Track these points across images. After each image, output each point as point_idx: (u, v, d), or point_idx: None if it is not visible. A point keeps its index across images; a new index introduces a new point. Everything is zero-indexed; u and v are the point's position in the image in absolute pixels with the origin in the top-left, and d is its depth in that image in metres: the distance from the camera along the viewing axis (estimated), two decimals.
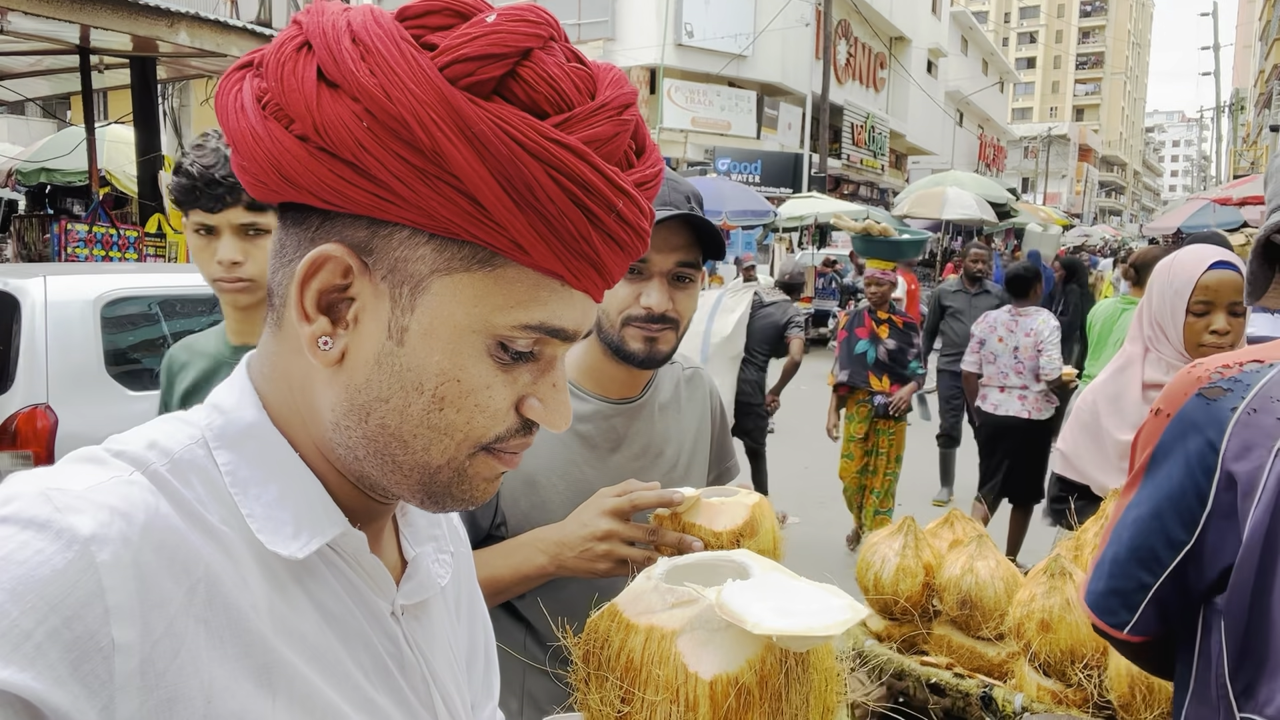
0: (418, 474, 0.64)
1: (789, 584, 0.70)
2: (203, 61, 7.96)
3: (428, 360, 0.60)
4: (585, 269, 0.61)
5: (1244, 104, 39.28)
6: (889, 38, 31.86)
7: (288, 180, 0.59)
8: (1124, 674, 1.56)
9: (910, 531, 1.93)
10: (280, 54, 0.59)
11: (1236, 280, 2.10)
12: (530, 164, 0.56)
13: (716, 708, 0.63)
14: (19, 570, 0.48)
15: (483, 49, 0.56)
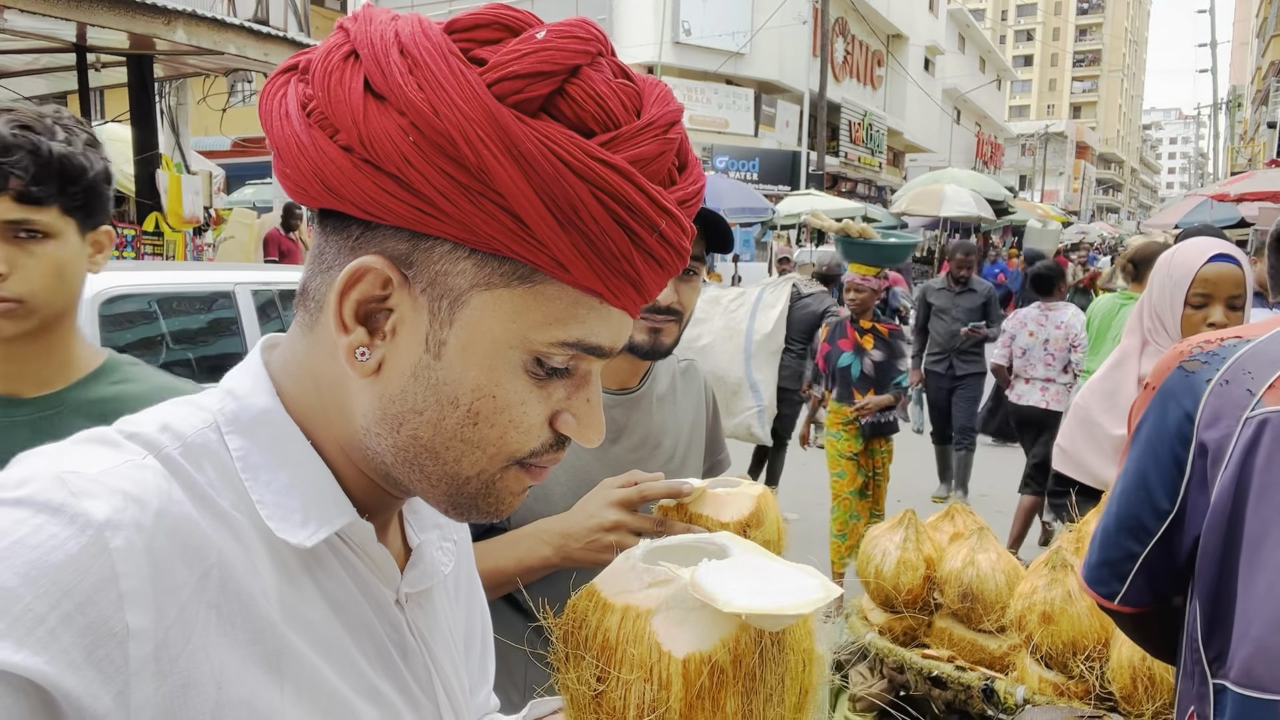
0: (445, 484, 0.64)
1: (765, 565, 0.70)
2: (200, 59, 7.95)
3: (464, 375, 0.60)
4: (624, 287, 0.60)
5: (1241, 101, 39.31)
6: (886, 35, 31.87)
7: (330, 190, 0.58)
8: (1126, 665, 1.56)
9: (911, 525, 1.93)
10: (327, 62, 0.59)
11: (1236, 273, 2.09)
12: (575, 183, 0.56)
13: (689, 685, 0.63)
14: (33, 555, 0.48)
15: (532, 66, 0.56)
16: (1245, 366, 1.07)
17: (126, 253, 7.35)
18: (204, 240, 8.62)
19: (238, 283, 4.46)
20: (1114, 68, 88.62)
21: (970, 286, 6.56)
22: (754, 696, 0.64)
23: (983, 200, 18.08)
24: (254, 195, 17.07)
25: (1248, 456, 1.03)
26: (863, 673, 1.97)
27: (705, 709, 0.63)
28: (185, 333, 4.31)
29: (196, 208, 8.04)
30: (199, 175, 8.67)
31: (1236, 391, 1.06)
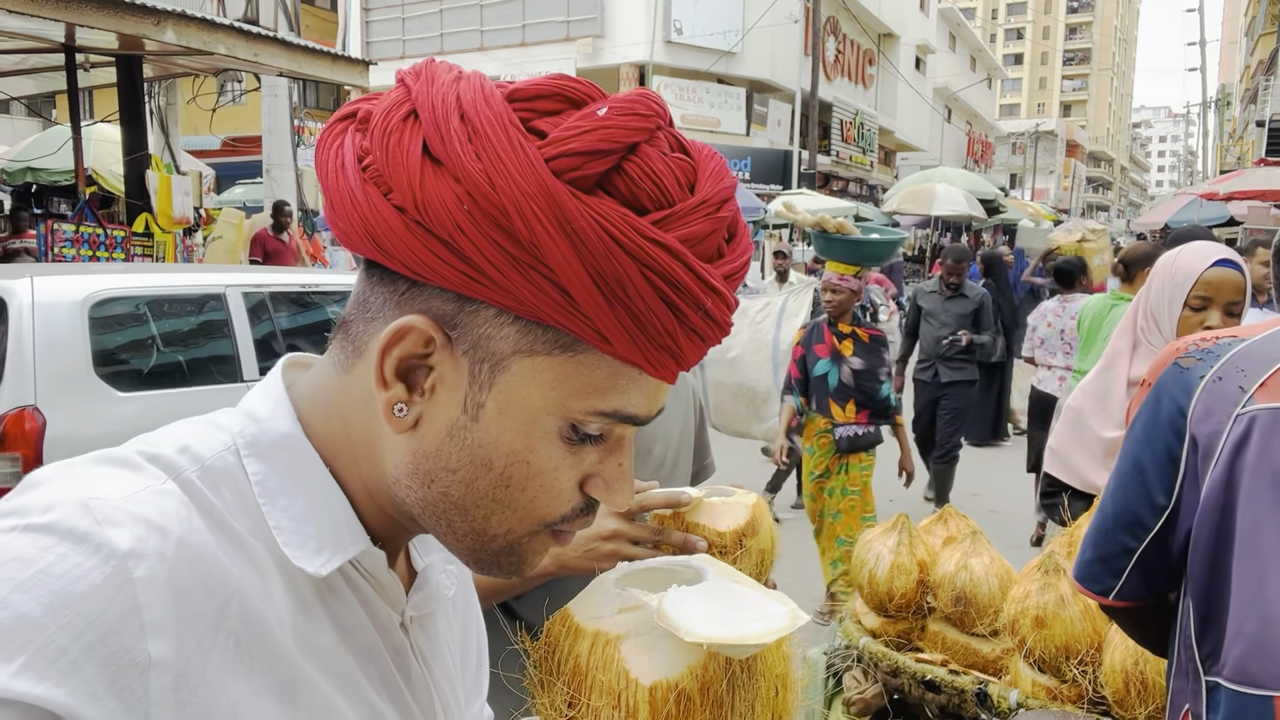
0: (471, 539, 0.64)
1: (736, 591, 0.70)
2: (189, 60, 7.91)
3: (500, 439, 0.60)
4: (664, 359, 0.60)
5: (1230, 99, 39.51)
6: (877, 34, 31.92)
7: (380, 247, 0.58)
8: (1118, 669, 1.57)
9: (904, 529, 1.93)
10: (387, 120, 0.59)
11: (1238, 280, 2.10)
12: (625, 262, 0.56)
13: (656, 713, 0.63)
14: (57, 584, 0.49)
15: (591, 144, 0.56)
16: (1239, 364, 1.08)
17: (116, 254, 7.32)
18: (194, 241, 8.58)
19: (229, 285, 4.44)
20: (1104, 66, 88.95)
21: (962, 292, 6.37)
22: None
23: (974, 199, 18.13)
24: (244, 195, 17.01)
25: (1238, 453, 1.04)
26: (857, 677, 1.98)
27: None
28: (176, 335, 4.29)
29: (186, 208, 8.01)
30: (189, 175, 8.64)
31: (1229, 388, 1.07)
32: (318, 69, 7.74)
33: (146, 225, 7.69)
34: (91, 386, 3.71)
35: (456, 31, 25.70)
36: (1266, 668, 0.99)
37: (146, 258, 7.64)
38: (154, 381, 4.07)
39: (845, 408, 4.41)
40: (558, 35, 24.18)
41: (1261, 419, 1.03)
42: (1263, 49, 25.60)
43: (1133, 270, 4.36)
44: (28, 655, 0.47)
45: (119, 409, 3.76)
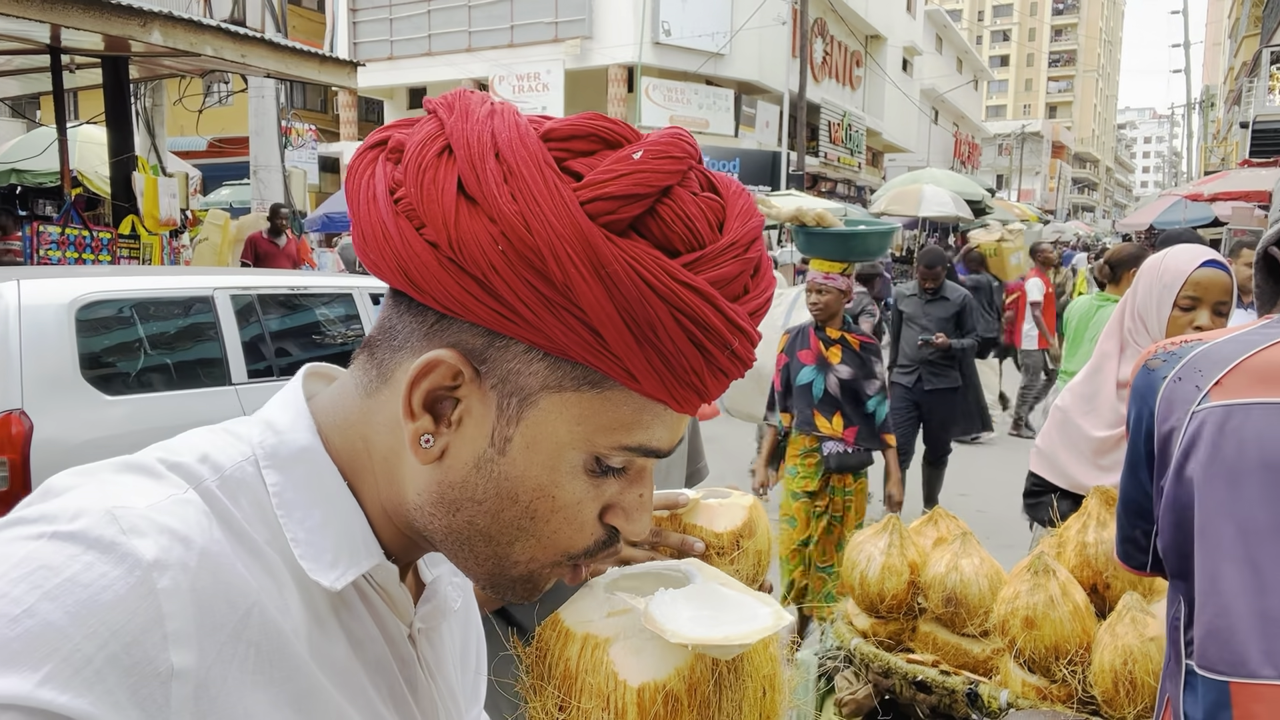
0: (492, 564, 0.65)
1: (723, 593, 0.71)
2: (176, 61, 7.87)
3: (527, 472, 0.61)
4: (689, 395, 0.61)
5: (1214, 100, 39.80)
6: (865, 36, 32.03)
7: (412, 281, 0.59)
8: (1108, 669, 1.58)
9: (895, 530, 1.94)
10: (421, 156, 0.59)
11: (1225, 280, 2.13)
12: (657, 304, 0.57)
13: (644, 714, 0.64)
14: (83, 594, 0.49)
15: (626, 189, 0.57)
16: (1197, 365, 1.16)
17: (102, 256, 7.28)
18: (180, 242, 8.54)
19: (217, 287, 4.42)
20: (1089, 68, 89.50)
21: (942, 294, 6.19)
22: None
23: (961, 200, 18.22)
24: (230, 196, 16.93)
25: (1192, 449, 1.11)
26: (848, 677, 1.98)
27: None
28: (163, 338, 4.27)
29: (173, 210, 7.96)
30: (175, 177, 8.59)
31: (1187, 388, 1.15)
32: (305, 70, 7.71)
33: (133, 227, 7.65)
34: (79, 390, 3.69)
35: (444, 33, 25.64)
36: (1222, 654, 1.07)
37: (133, 260, 7.59)
38: (142, 385, 4.05)
39: (832, 420, 3.96)
40: (546, 36, 24.15)
41: (1214, 416, 1.10)
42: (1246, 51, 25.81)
43: (1118, 272, 4.39)
44: (53, 664, 0.47)
45: (106, 412, 3.74)
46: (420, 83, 27.68)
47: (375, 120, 30.46)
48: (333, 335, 5.30)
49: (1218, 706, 1.07)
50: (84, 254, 7.13)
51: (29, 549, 0.50)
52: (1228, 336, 1.18)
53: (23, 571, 0.49)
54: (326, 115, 29.14)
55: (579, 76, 23.84)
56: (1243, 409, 1.08)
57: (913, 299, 6.29)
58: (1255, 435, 1.06)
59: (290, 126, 14.60)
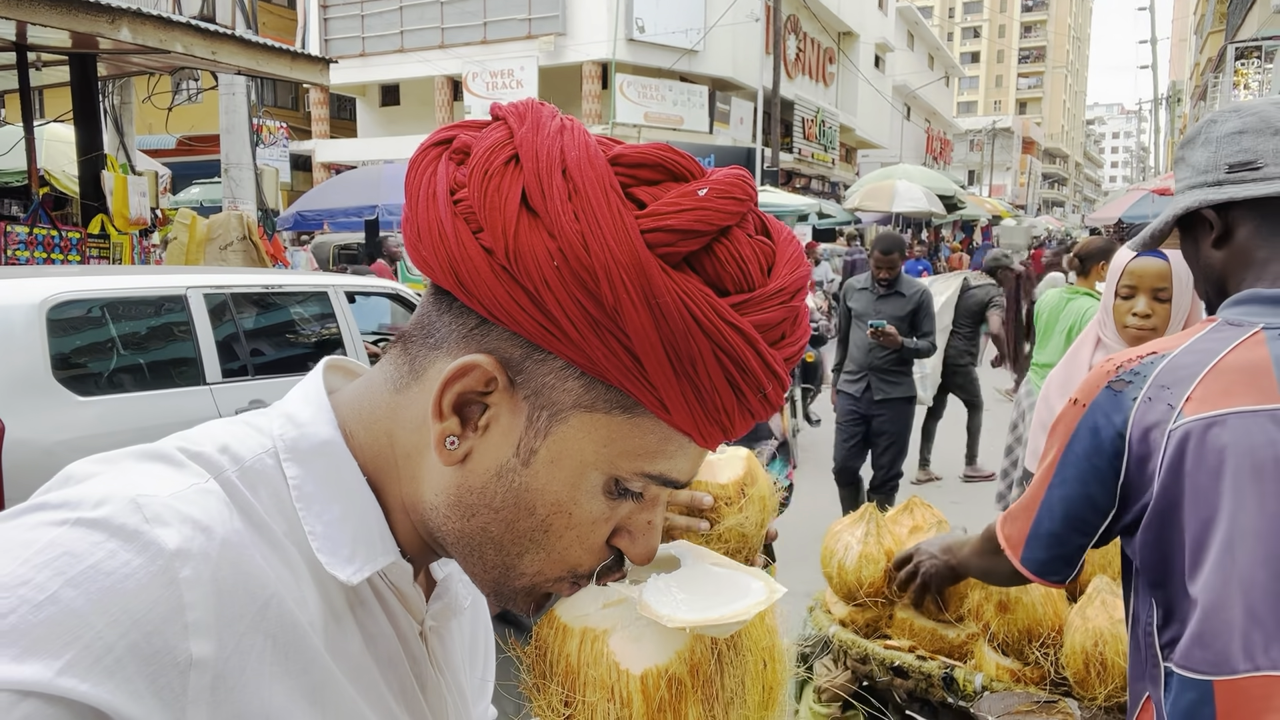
0: (498, 573, 0.66)
1: (714, 573, 0.72)
2: (145, 58, 7.78)
3: (547, 487, 0.62)
4: (715, 432, 0.62)
5: (1181, 96, 40.38)
6: (837, 33, 32.21)
7: (461, 283, 0.59)
8: (1079, 651, 1.62)
9: (872, 519, 1.97)
10: (488, 162, 0.59)
11: (1161, 266, 2.20)
12: (701, 340, 0.57)
13: (649, 700, 0.64)
14: (106, 581, 0.50)
15: (688, 224, 0.57)
16: (1164, 383, 1.20)
17: (71, 256, 7.18)
18: (151, 241, 8.44)
19: (190, 286, 4.39)
20: (1058, 64, 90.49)
21: (897, 289, 5.27)
22: (714, 702, 0.66)
23: (934, 196, 18.38)
24: (200, 195, 16.74)
25: (1178, 464, 1.16)
26: (827, 665, 2.01)
27: None
28: (136, 338, 4.23)
29: (143, 209, 7.86)
30: (145, 176, 8.49)
31: (1159, 407, 1.19)
32: (277, 67, 7.65)
33: (102, 226, 7.55)
34: (50, 391, 3.65)
35: (417, 29, 25.48)
36: (1205, 655, 1.12)
37: (103, 260, 7.49)
38: (114, 385, 4.01)
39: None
40: (519, 33, 24.08)
41: (1194, 431, 1.15)
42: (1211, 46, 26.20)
43: (1087, 264, 4.47)
44: (75, 652, 0.48)
45: (79, 413, 3.70)
46: (393, 79, 27.50)
47: (348, 117, 30.22)
48: (307, 334, 5.27)
49: (1199, 705, 1.13)
50: (53, 254, 7.03)
51: (52, 535, 0.51)
52: (1182, 347, 1.23)
53: (46, 558, 0.49)
54: (298, 113, 28.86)
55: (553, 73, 23.79)
56: (1220, 420, 1.13)
57: (864, 293, 5.38)
58: (1235, 443, 1.12)
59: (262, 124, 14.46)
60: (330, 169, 25.46)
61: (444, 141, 0.64)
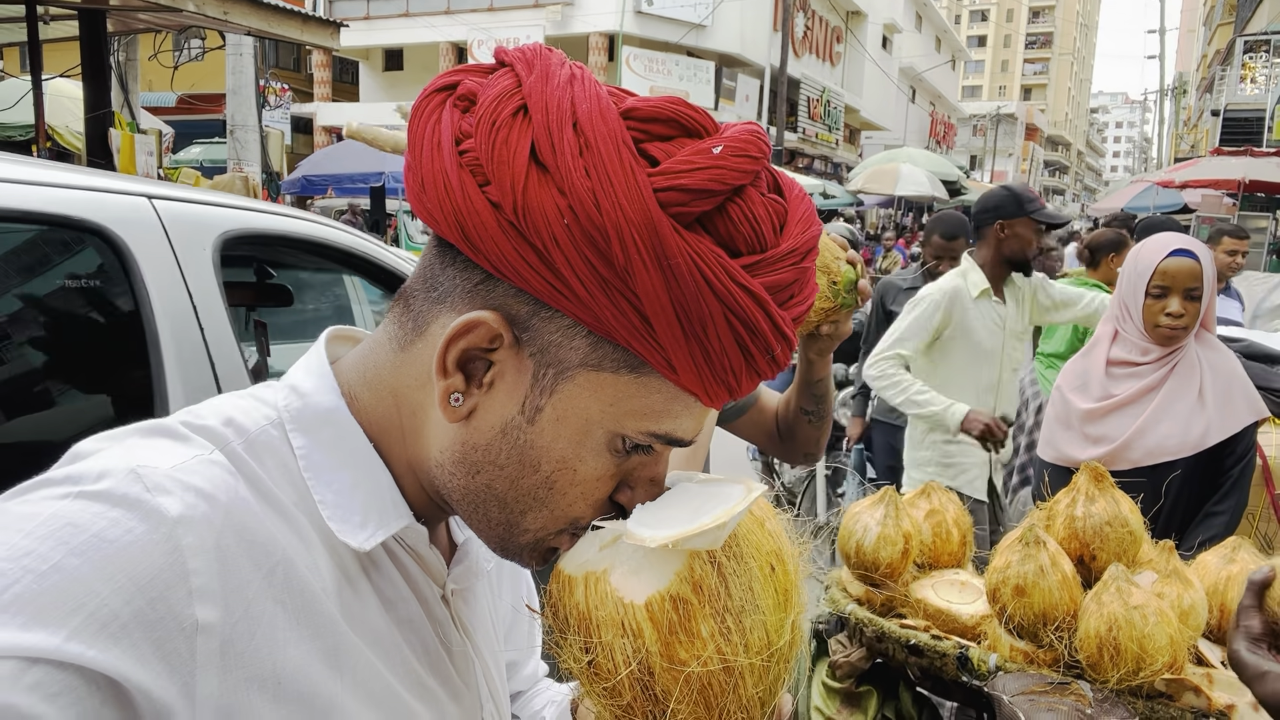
0: (502, 529, 0.66)
1: (693, 489, 0.71)
2: (154, 16, 7.70)
3: (552, 444, 0.61)
4: (721, 392, 0.61)
5: (1186, 88, 40.24)
6: (846, 12, 31.96)
7: (467, 237, 0.58)
8: (1093, 636, 1.67)
9: (891, 502, 2.01)
10: (496, 112, 0.57)
11: (1194, 267, 2.22)
12: (712, 302, 0.56)
13: (659, 626, 0.64)
14: (109, 549, 0.50)
15: (702, 183, 0.55)
16: None
17: None
18: None
19: None
20: (1065, 51, 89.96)
21: None
22: (726, 613, 0.66)
23: (936, 180, 18.35)
24: (201, 154, 16.60)
25: None
26: (841, 641, 2.06)
27: (682, 641, 0.64)
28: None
29: (150, 168, 7.83)
30: (151, 134, 8.43)
31: None
32: (287, 29, 7.58)
33: None
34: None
35: None
36: None
37: None
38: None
39: None
40: (526, 1, 23.85)
41: None
42: (1220, 39, 26.07)
43: (1097, 256, 4.49)
44: (81, 619, 0.48)
45: None
46: (397, 44, 27.24)
47: (350, 81, 29.96)
48: None
49: None
50: None
51: (55, 508, 0.51)
52: None
53: (50, 529, 0.49)
54: (300, 74, 28.60)
55: (559, 44, 23.56)
56: None
57: (911, 294, 3.67)
58: None
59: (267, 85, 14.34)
60: (332, 132, 25.27)
61: (448, 87, 0.62)
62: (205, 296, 1.77)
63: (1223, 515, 2.21)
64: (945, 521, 2.09)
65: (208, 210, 1.89)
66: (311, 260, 2.64)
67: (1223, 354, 2.30)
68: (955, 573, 2.08)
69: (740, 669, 0.66)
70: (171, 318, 1.69)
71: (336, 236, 2.22)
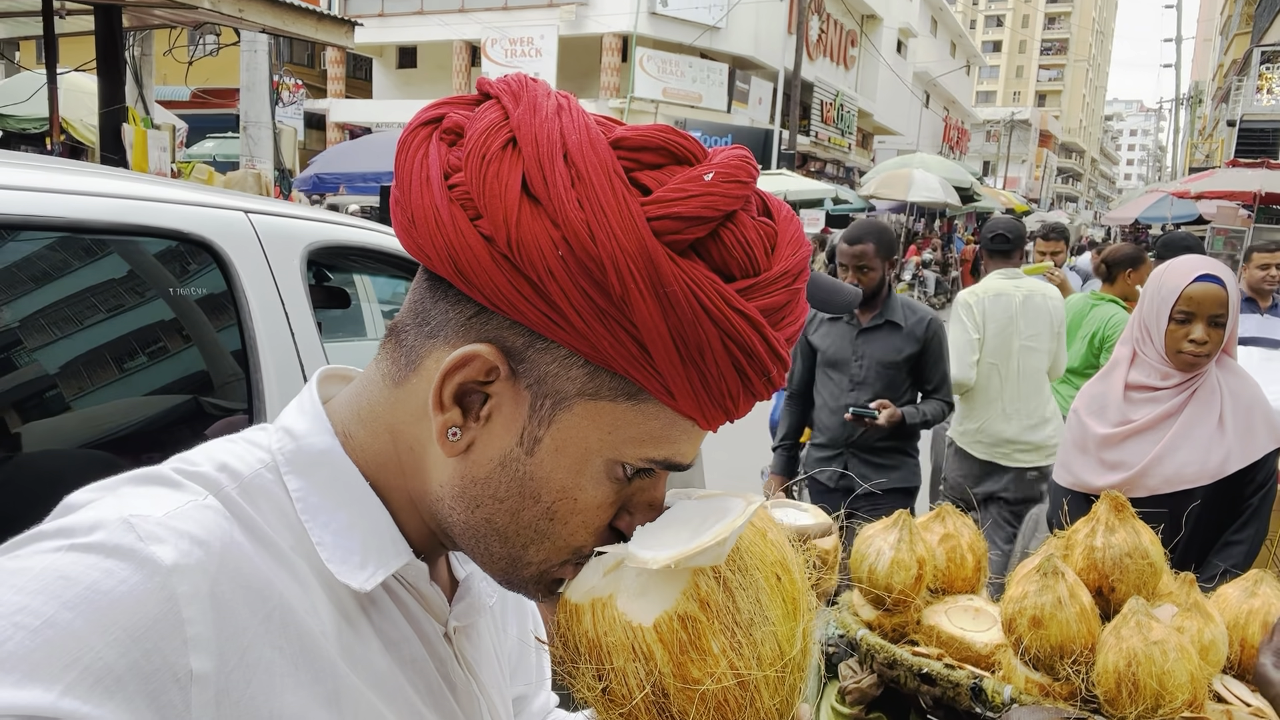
0: (505, 563, 0.65)
1: (692, 506, 0.70)
2: (170, 12, 7.71)
3: (552, 475, 0.61)
4: (719, 415, 0.62)
5: (1202, 97, 40.04)
6: (861, 15, 31.89)
7: (460, 272, 0.57)
8: (1111, 670, 1.63)
9: (905, 526, 1.98)
10: (485, 146, 0.57)
11: (1220, 294, 2.18)
12: (709, 328, 0.56)
13: (669, 646, 0.64)
14: (103, 601, 0.49)
15: (695, 210, 0.56)
16: None
17: None
18: None
19: None
20: (1080, 57, 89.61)
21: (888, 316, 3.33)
22: (736, 627, 0.65)
23: (950, 186, 18.27)
24: (215, 149, 16.65)
25: None
26: (852, 666, 2.03)
27: (693, 659, 0.64)
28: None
29: (163, 164, 7.85)
30: (164, 130, 8.45)
31: None
32: (302, 27, 7.59)
33: None
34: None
35: None
36: None
37: None
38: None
39: None
40: (541, 1, 23.85)
41: None
42: (1237, 48, 25.92)
43: (1114, 271, 4.45)
44: (75, 674, 0.47)
45: None
46: (410, 42, 27.28)
47: (363, 78, 30.02)
48: None
49: None
50: None
51: (48, 561, 0.50)
52: None
53: (41, 583, 0.49)
54: (314, 70, 28.67)
55: (573, 43, 23.59)
56: None
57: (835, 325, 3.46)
58: None
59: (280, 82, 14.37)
60: (344, 129, 25.33)
61: (433, 121, 0.62)
62: (295, 302, 1.92)
63: (1242, 544, 2.17)
64: (960, 546, 2.06)
65: (297, 223, 2.04)
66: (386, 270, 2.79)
67: (1243, 380, 2.26)
68: (969, 599, 2.05)
69: (755, 682, 0.65)
70: (266, 322, 1.84)
71: None
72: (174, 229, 1.73)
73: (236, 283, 1.80)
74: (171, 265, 1.80)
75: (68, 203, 1.58)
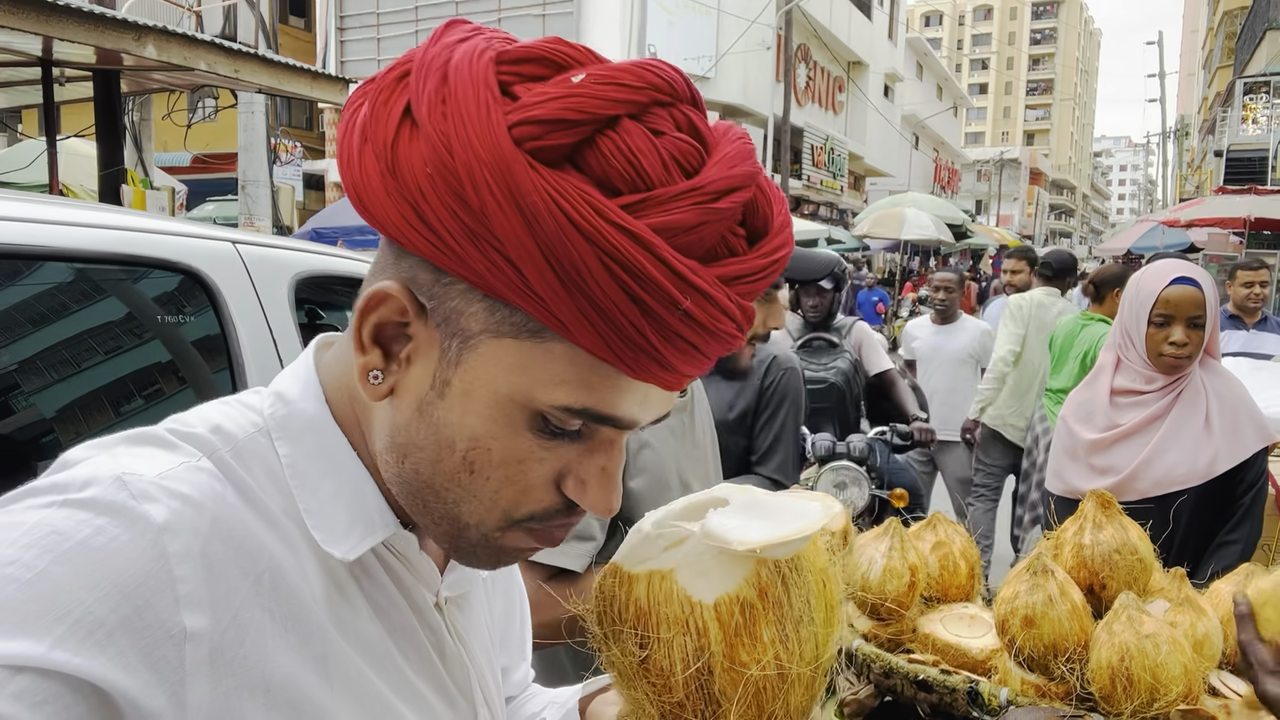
0: (447, 524, 0.63)
1: (766, 501, 0.73)
2: (167, 75, 7.89)
3: (463, 420, 0.58)
4: (644, 362, 0.55)
5: (1189, 130, 40.52)
6: (847, 62, 32.46)
7: (365, 207, 0.57)
8: (1105, 667, 1.62)
9: (896, 534, 1.98)
10: (384, 79, 0.58)
11: (1196, 295, 2.21)
12: (579, 244, 0.51)
13: (725, 627, 0.65)
14: (95, 556, 0.49)
15: (554, 113, 0.52)
16: None
17: None
18: None
19: None
20: (1066, 97, 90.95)
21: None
22: (785, 621, 0.67)
23: (942, 224, 18.44)
24: (215, 211, 16.86)
25: None
26: (849, 678, 2.02)
27: (744, 644, 0.66)
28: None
29: None
30: (163, 191, 8.58)
31: None
32: (297, 86, 7.75)
33: None
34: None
35: None
36: None
37: None
38: None
39: None
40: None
41: None
42: (1220, 81, 26.33)
43: (1102, 291, 4.49)
44: (66, 626, 0.47)
45: None
46: None
47: None
48: None
49: None
50: None
51: (40, 516, 0.51)
52: None
53: (34, 537, 0.49)
54: (312, 133, 29.13)
55: None
56: None
57: None
58: None
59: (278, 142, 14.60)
60: (342, 189, 25.63)
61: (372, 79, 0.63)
62: (282, 329, 1.96)
63: (1236, 544, 2.17)
64: (952, 554, 2.06)
65: (283, 253, 2.09)
66: None
67: (1228, 380, 2.28)
68: (964, 606, 2.04)
69: (793, 677, 0.67)
70: (254, 348, 1.88)
71: None
72: (162, 258, 1.77)
73: (224, 311, 1.84)
74: (159, 294, 1.83)
75: (56, 233, 1.61)
